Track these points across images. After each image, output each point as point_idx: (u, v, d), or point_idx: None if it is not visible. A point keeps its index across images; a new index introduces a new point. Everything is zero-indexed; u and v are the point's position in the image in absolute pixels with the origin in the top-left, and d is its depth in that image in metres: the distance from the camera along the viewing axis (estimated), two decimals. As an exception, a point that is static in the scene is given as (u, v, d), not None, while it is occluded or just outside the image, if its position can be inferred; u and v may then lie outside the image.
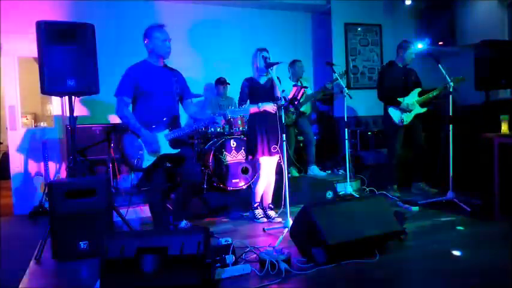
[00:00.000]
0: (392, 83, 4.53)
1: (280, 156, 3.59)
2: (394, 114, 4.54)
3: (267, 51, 3.61)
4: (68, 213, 2.93)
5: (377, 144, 5.53)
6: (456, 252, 2.49)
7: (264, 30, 6.04)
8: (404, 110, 4.49)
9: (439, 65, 4.05)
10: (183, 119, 3.34)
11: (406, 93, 4.54)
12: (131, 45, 5.19)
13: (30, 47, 3.76)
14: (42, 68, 3.22)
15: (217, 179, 4.30)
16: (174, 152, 2.98)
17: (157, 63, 3.08)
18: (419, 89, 4.55)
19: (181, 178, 3.17)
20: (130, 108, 3.06)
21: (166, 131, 2.97)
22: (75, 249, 2.93)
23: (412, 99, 4.52)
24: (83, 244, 2.95)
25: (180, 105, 3.25)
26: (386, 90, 4.56)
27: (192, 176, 3.11)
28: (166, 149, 2.99)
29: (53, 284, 2.57)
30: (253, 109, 3.55)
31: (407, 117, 4.51)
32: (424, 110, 4.52)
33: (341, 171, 5.47)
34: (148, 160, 2.94)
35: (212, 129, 4.61)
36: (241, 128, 4.54)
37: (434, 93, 4.34)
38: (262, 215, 3.81)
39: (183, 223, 3.21)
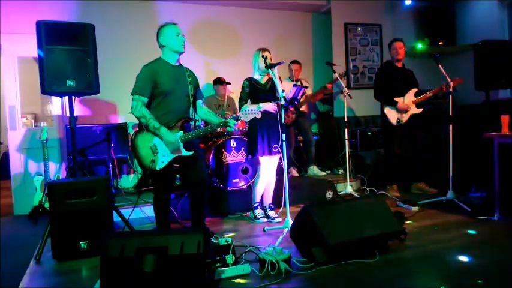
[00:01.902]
0: (388, 83, 4.53)
1: (280, 157, 3.59)
2: (390, 114, 4.54)
3: (269, 52, 3.61)
4: (68, 213, 2.93)
5: (377, 144, 5.53)
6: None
7: (264, 30, 6.04)
8: (401, 110, 4.49)
9: (439, 65, 4.06)
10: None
11: (403, 93, 4.53)
12: (131, 45, 5.23)
13: (30, 47, 3.76)
14: (42, 68, 3.23)
15: (217, 179, 4.30)
16: (189, 155, 2.96)
17: (174, 61, 3.04)
18: (415, 89, 4.55)
19: (192, 178, 3.13)
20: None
21: (181, 133, 2.95)
22: (75, 249, 2.93)
23: (408, 99, 4.51)
24: (83, 244, 2.95)
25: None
26: (382, 90, 4.56)
27: (202, 175, 3.08)
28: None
29: (53, 284, 2.57)
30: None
31: (404, 117, 4.51)
32: (419, 110, 4.52)
33: (341, 171, 5.47)
34: (162, 162, 2.91)
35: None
36: (241, 128, 4.54)
37: (431, 94, 4.35)
38: (262, 215, 3.81)
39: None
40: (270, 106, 3.52)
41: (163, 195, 3.09)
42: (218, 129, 4.55)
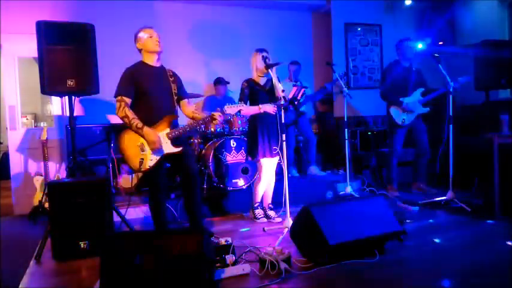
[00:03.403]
0: (394, 82, 4.52)
1: (280, 157, 3.58)
2: (396, 114, 4.53)
3: (267, 52, 3.60)
4: (68, 213, 2.93)
5: (377, 144, 5.53)
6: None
7: (264, 30, 6.04)
8: (406, 110, 4.48)
9: (439, 65, 4.05)
10: (181, 119, 3.33)
11: (409, 93, 4.51)
12: (131, 45, 5.20)
13: (30, 47, 3.76)
14: (42, 68, 3.22)
15: (217, 179, 4.30)
16: (176, 151, 2.97)
17: (154, 63, 3.08)
18: (422, 89, 4.53)
19: (182, 176, 3.13)
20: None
21: (167, 130, 2.97)
22: (75, 249, 2.93)
23: (414, 99, 4.50)
24: (82, 244, 2.95)
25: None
26: (388, 90, 4.55)
27: (192, 172, 3.07)
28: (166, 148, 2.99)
29: (53, 284, 2.57)
30: (254, 110, 3.55)
31: (409, 117, 4.50)
32: (426, 110, 4.50)
33: (341, 171, 5.46)
34: (151, 160, 2.92)
35: (212, 129, 4.61)
36: (241, 128, 4.54)
37: (437, 94, 4.34)
38: (262, 215, 3.81)
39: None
40: (269, 107, 3.52)
41: (157, 194, 3.09)
42: (218, 129, 4.59)
